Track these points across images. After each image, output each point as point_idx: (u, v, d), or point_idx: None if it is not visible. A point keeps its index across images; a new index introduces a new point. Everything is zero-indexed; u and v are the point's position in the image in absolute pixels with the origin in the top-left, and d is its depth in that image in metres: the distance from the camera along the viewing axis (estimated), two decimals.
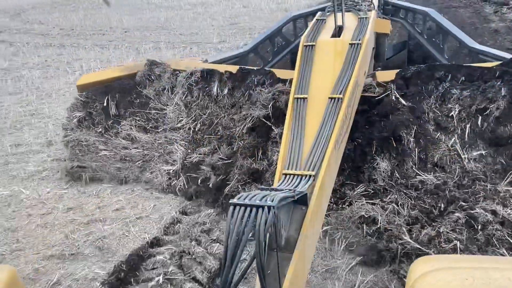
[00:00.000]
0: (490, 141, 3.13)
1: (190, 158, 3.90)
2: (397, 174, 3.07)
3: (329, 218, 3.10)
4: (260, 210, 1.53)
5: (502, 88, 3.16)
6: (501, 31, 8.16)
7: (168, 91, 4.38)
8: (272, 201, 1.58)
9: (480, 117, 3.16)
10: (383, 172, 3.08)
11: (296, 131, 2.68)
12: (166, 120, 4.28)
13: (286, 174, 2.34)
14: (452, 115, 3.21)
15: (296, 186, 2.20)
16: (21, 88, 7.17)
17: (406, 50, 6.00)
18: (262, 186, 1.92)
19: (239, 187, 3.39)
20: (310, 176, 2.28)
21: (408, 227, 2.83)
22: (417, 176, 3.01)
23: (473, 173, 3.00)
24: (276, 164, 3.07)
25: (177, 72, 4.43)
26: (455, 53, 4.99)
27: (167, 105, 4.33)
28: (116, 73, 4.60)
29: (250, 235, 1.53)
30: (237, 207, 1.56)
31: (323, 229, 3.00)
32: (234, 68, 4.24)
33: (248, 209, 1.55)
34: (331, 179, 2.59)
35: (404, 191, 2.97)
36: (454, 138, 3.15)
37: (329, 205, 3.14)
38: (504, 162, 3.01)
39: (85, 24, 12.13)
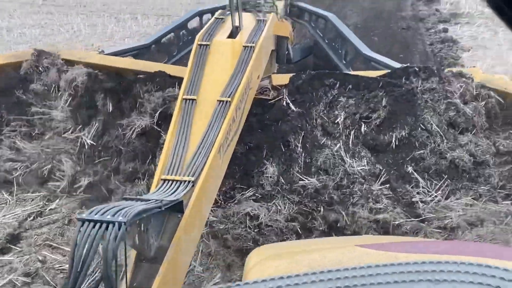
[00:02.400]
0: (370, 147, 3.31)
1: (79, 182, 3.59)
2: (282, 180, 3.13)
3: (216, 212, 3.11)
4: (110, 226, 1.44)
5: (384, 98, 3.36)
6: None
7: (56, 90, 3.93)
8: (126, 215, 1.49)
9: (363, 125, 3.33)
10: (270, 177, 3.13)
11: (181, 134, 2.60)
12: (54, 125, 3.86)
13: (164, 180, 2.26)
14: (338, 121, 3.35)
15: (173, 193, 2.13)
16: None
17: (312, 54, 6.19)
18: (128, 196, 1.81)
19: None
20: (189, 182, 2.22)
21: (287, 223, 2.92)
22: (300, 181, 3.10)
23: (354, 176, 3.16)
24: None
25: (69, 64, 4.10)
26: (352, 59, 5.23)
27: (55, 107, 3.89)
28: None
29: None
30: (86, 223, 1.45)
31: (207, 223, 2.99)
32: (128, 63, 4.03)
33: (98, 225, 1.45)
34: (213, 185, 2.55)
35: (288, 196, 3.05)
36: (339, 144, 3.28)
37: (217, 203, 3.13)
38: (381, 167, 3.21)
39: None
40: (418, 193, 3.13)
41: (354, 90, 3.47)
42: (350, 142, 3.30)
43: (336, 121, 3.36)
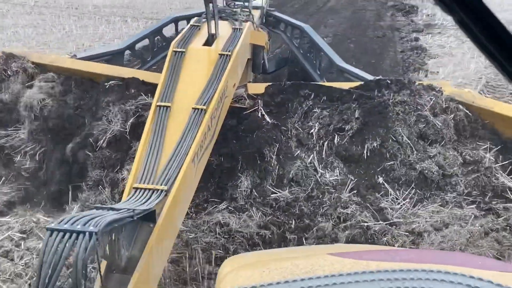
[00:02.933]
0: (343, 158, 3.35)
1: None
2: (255, 193, 3.13)
3: (186, 222, 3.07)
4: (81, 236, 1.40)
5: (357, 110, 3.41)
6: None
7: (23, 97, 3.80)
8: (97, 225, 1.45)
9: (336, 136, 3.37)
10: (244, 190, 3.13)
11: (154, 142, 2.56)
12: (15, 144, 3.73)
13: (136, 188, 2.22)
14: (312, 132, 3.38)
15: (145, 202, 2.09)
16: None
17: (287, 66, 6.27)
18: (99, 205, 1.77)
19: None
20: (162, 191, 2.19)
21: (260, 230, 2.93)
22: (272, 194, 3.11)
23: (325, 186, 3.19)
24: None
25: (40, 68, 3.98)
26: (326, 70, 5.30)
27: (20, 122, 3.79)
28: None
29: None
30: (55, 233, 1.40)
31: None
32: (100, 68, 3.95)
33: (67, 234, 1.40)
34: (186, 194, 2.52)
35: (261, 208, 3.05)
36: (312, 155, 3.31)
37: (189, 214, 3.09)
38: (352, 177, 3.25)
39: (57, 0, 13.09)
40: (387, 201, 3.19)
41: (328, 102, 3.51)
42: (324, 152, 3.33)
43: (310, 132, 3.39)
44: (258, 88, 3.76)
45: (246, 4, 5.11)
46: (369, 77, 4.40)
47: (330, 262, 1.04)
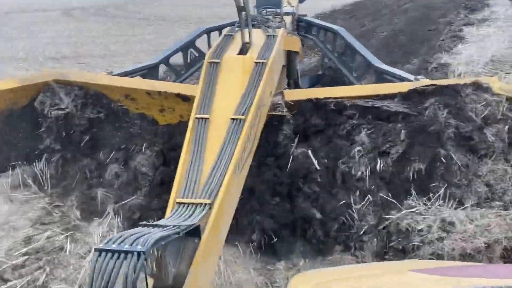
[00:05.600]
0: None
1: None
2: None
3: None
4: (129, 256, 1.36)
5: (402, 131, 3.27)
6: None
7: None
8: (145, 244, 1.41)
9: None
10: None
11: (195, 155, 2.53)
12: None
13: (180, 203, 2.18)
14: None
15: (189, 217, 2.05)
16: None
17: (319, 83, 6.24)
18: (145, 222, 1.74)
19: None
20: (205, 204, 2.14)
21: None
22: None
23: None
24: None
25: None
26: (363, 72, 5.16)
27: None
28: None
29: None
30: (103, 253, 1.37)
31: None
32: (138, 83, 3.99)
33: (116, 255, 1.37)
34: (230, 207, 2.46)
35: None
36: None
37: None
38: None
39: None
40: None
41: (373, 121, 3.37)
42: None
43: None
44: (295, 94, 3.68)
45: (278, 10, 5.07)
46: (410, 77, 4.23)
47: (417, 279, 0.98)
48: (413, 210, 3.04)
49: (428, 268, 1.12)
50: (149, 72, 4.88)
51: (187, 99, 3.73)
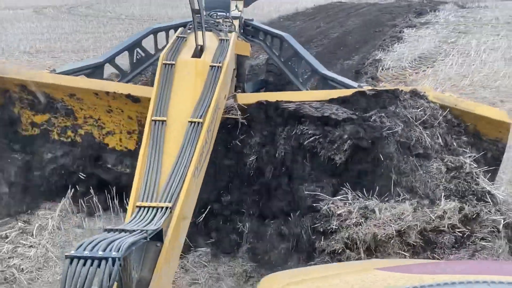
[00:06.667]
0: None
1: None
2: None
3: None
4: (103, 262, 1.33)
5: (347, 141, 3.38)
6: None
7: None
8: (118, 250, 1.39)
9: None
10: None
11: (153, 158, 2.49)
12: None
13: (140, 207, 2.15)
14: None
15: (151, 221, 2.03)
16: None
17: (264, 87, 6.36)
18: (110, 227, 1.70)
19: None
20: (166, 208, 2.13)
21: None
22: None
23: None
24: None
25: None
26: (309, 78, 5.33)
27: None
28: None
29: None
30: (75, 260, 1.33)
31: None
32: (84, 83, 3.84)
33: (89, 262, 1.33)
34: (189, 210, 2.46)
35: None
36: None
37: None
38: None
39: None
40: None
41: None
42: None
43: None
44: (247, 98, 3.73)
45: (227, 14, 5.11)
46: (353, 84, 4.45)
47: (382, 277, 1.02)
48: (340, 198, 3.19)
49: (392, 266, 1.17)
50: (94, 71, 4.70)
51: (137, 101, 3.67)
